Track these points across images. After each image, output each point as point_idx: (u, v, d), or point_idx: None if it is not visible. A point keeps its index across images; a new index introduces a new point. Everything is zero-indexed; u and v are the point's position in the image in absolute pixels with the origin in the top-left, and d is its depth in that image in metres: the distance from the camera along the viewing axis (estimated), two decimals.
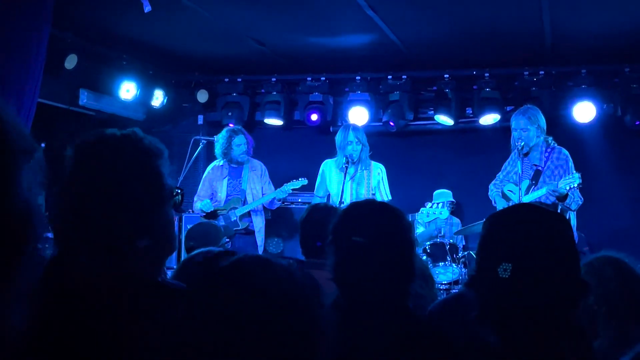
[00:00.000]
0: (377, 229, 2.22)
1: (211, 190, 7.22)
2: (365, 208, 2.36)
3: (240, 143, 7.09)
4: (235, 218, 7.03)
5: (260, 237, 7.26)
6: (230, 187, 7.18)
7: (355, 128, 6.66)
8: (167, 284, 1.76)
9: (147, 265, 1.71)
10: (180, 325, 1.33)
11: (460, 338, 2.85)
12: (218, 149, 7.15)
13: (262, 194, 7.21)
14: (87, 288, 1.64)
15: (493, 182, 6.35)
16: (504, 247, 1.71)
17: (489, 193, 6.36)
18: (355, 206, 2.40)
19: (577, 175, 5.65)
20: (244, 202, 7.14)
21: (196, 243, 4.19)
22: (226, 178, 7.20)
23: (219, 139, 7.16)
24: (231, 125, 8.39)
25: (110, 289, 1.63)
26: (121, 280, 1.65)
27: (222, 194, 7.16)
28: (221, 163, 7.22)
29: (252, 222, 7.21)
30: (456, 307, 3.15)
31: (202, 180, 7.22)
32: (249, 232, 7.19)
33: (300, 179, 7.23)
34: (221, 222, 6.86)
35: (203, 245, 4.05)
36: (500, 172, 6.33)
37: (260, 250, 7.15)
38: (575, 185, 5.60)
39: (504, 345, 1.70)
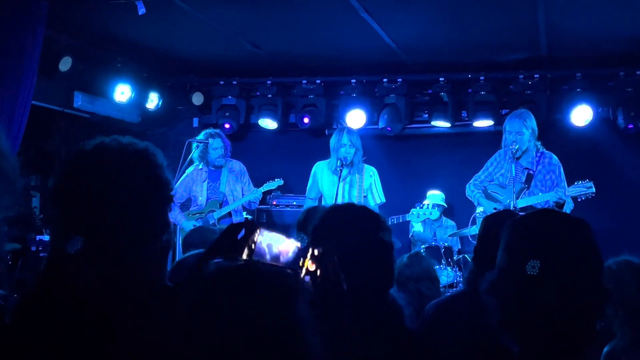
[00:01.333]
0: (354, 234, 2.21)
1: (187, 194, 7.19)
2: (346, 212, 2.35)
3: (217, 147, 7.08)
4: (213, 221, 7.02)
5: None
6: (210, 190, 7.16)
7: (349, 131, 6.66)
8: (174, 287, 1.76)
9: (152, 268, 1.71)
10: (180, 328, 1.33)
11: (456, 338, 2.85)
12: (195, 152, 7.12)
13: (243, 195, 7.20)
14: (90, 291, 1.63)
15: (472, 182, 6.33)
16: (530, 255, 1.68)
17: (467, 193, 6.35)
18: (335, 210, 2.39)
19: (590, 183, 5.68)
20: (222, 205, 7.13)
21: (195, 249, 4.17)
22: (206, 181, 7.19)
23: (200, 138, 7.15)
24: (227, 126, 8.38)
25: (115, 292, 1.62)
26: (127, 284, 1.64)
27: (202, 197, 7.15)
28: (200, 166, 7.21)
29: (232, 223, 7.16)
30: (452, 308, 3.16)
31: (179, 183, 7.17)
32: None
33: (276, 180, 7.25)
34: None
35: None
36: (480, 173, 6.32)
37: None
38: (588, 194, 5.64)
39: (526, 353, 1.68)
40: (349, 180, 6.58)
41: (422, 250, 6.88)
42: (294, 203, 8.02)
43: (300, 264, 1.60)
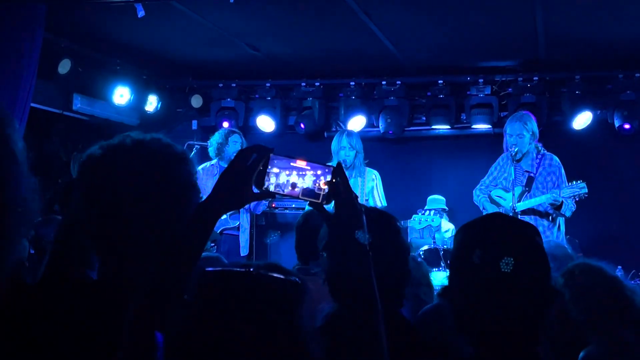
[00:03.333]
0: (372, 233, 2.21)
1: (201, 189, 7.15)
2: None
3: (236, 141, 7.08)
4: (225, 216, 6.99)
5: (244, 238, 7.21)
6: None
7: (349, 134, 6.65)
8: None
9: None
10: (180, 334, 1.33)
11: (437, 347, 2.87)
12: (213, 146, 7.11)
13: None
14: (98, 287, 1.62)
15: (478, 187, 6.35)
16: (476, 258, 1.70)
17: (474, 198, 6.36)
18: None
19: (583, 184, 5.69)
20: None
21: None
22: (217, 176, 7.16)
23: (215, 136, 7.14)
24: (225, 124, 8.36)
25: (122, 291, 1.62)
26: (136, 283, 1.63)
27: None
28: (213, 162, 7.18)
29: (240, 220, 7.17)
30: (433, 317, 3.17)
31: None
32: (235, 235, 7.15)
33: None
34: None
35: None
36: (485, 177, 6.33)
37: (244, 252, 7.11)
38: (581, 194, 5.65)
39: (479, 355, 1.70)
40: (351, 183, 6.55)
41: (421, 253, 6.89)
42: (293, 205, 8.02)
43: (316, 186, 1.63)
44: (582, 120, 7.76)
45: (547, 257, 1.74)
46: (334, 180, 1.62)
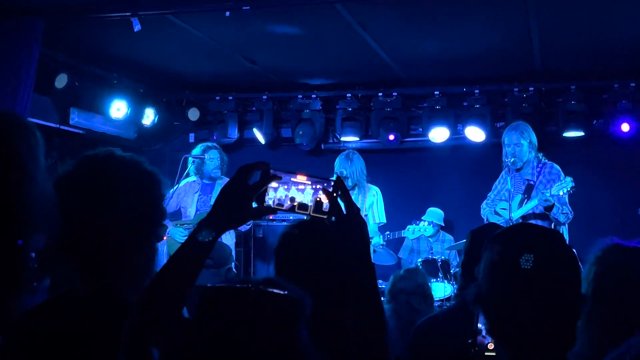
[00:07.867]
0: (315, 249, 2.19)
1: (177, 205, 7.10)
2: (303, 227, 2.29)
3: (213, 157, 7.05)
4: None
5: None
6: (200, 202, 7.04)
7: (348, 154, 6.79)
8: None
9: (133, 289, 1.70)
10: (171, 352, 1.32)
11: (446, 352, 2.86)
12: (192, 167, 7.10)
13: None
14: (81, 308, 1.61)
15: (485, 201, 6.39)
16: (513, 268, 1.70)
17: (481, 212, 6.38)
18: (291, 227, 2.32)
19: (569, 179, 5.70)
20: None
21: (214, 262, 4.37)
22: (197, 193, 7.10)
23: (195, 152, 7.12)
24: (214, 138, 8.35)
25: (106, 309, 1.61)
26: (116, 301, 1.63)
27: (191, 209, 7.05)
28: (194, 179, 7.17)
29: (221, 239, 7.10)
30: (442, 323, 3.17)
31: (171, 193, 7.08)
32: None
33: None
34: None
35: (220, 263, 4.42)
36: (491, 192, 6.37)
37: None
38: (569, 188, 5.65)
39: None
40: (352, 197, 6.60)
41: (419, 264, 6.90)
42: (291, 217, 8.01)
43: (317, 200, 1.61)
44: (573, 134, 7.84)
45: (579, 263, 1.75)
46: (335, 194, 1.61)
